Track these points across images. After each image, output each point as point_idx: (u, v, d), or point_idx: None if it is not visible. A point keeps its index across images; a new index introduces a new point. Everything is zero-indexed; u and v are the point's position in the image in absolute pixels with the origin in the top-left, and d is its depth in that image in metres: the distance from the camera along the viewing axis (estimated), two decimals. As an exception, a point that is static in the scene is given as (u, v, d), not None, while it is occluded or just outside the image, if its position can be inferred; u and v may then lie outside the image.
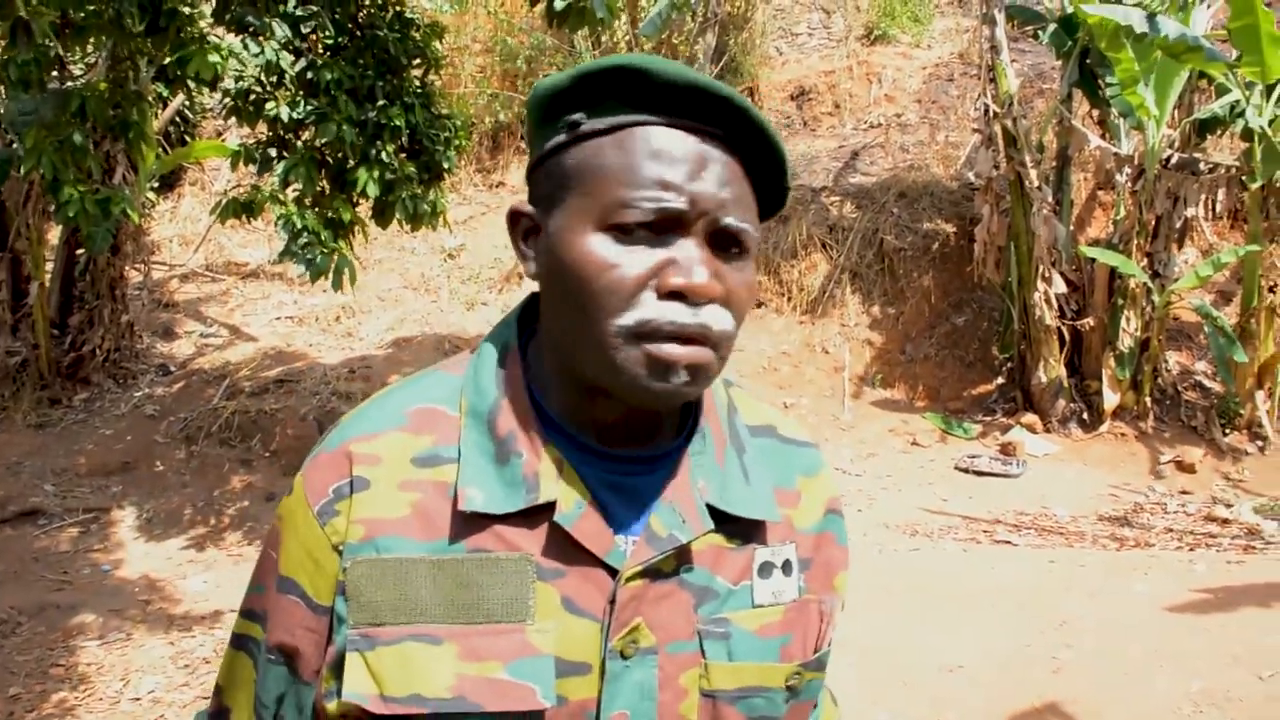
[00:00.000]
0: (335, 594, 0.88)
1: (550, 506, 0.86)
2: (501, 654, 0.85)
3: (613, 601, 0.86)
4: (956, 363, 8.53)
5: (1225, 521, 6.14)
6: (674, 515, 0.89)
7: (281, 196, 5.11)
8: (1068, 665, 4.05)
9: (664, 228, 0.84)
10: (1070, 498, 6.64)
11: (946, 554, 5.45)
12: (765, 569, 0.94)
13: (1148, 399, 7.69)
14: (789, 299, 9.05)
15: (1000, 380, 8.32)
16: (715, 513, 0.91)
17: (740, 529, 0.93)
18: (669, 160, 0.84)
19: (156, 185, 9.56)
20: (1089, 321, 7.83)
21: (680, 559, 0.89)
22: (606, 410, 0.90)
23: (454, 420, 0.91)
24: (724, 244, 0.87)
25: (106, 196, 4.54)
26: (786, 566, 0.96)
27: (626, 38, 10.58)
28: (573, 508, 0.87)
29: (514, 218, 0.92)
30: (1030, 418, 7.71)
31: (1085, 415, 7.78)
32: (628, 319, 0.83)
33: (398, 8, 5.51)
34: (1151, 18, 6.60)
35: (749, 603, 0.92)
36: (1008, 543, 5.76)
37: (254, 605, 0.96)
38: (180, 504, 6.39)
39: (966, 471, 7.15)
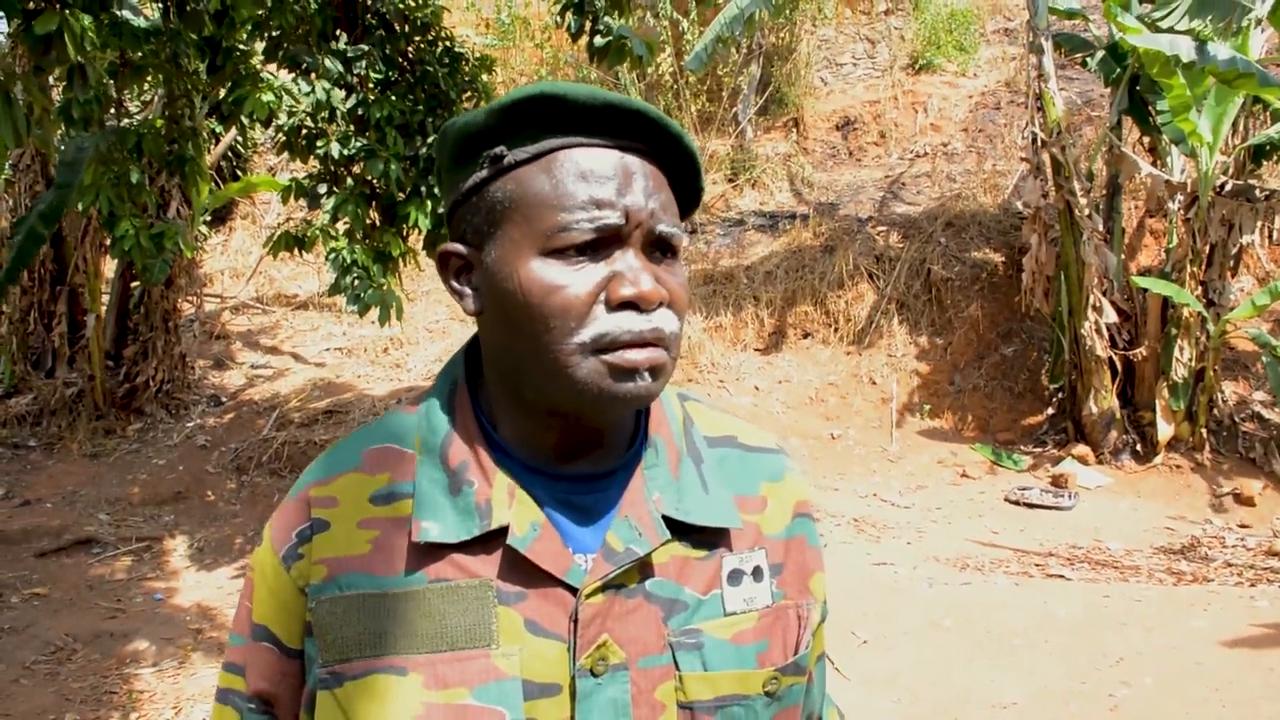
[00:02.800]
0: (304, 636, 0.91)
1: (504, 531, 0.87)
2: (467, 680, 0.85)
3: (576, 620, 0.86)
4: (1006, 393, 8.43)
5: (1286, 556, 5.99)
6: (630, 529, 0.89)
7: (332, 231, 5.18)
8: (1125, 704, 3.95)
9: (603, 244, 0.86)
10: (1124, 531, 6.51)
11: (997, 588, 5.36)
12: (734, 576, 0.94)
13: (1203, 430, 7.54)
14: (835, 329, 9.01)
15: (1050, 411, 8.21)
16: (675, 524, 0.92)
17: (705, 538, 0.93)
18: (598, 178, 0.86)
19: (209, 219, 9.75)
20: (1141, 351, 7.71)
21: (643, 572, 0.90)
22: (558, 432, 0.92)
23: (409, 456, 0.93)
24: (658, 250, 0.90)
25: (161, 231, 4.64)
26: (757, 573, 0.95)
27: (671, 69, 10.65)
28: (527, 530, 0.87)
29: (444, 258, 0.93)
30: (1082, 449, 7.59)
31: (1138, 447, 7.64)
32: (584, 335, 0.85)
33: (447, 43, 5.59)
34: (1201, 45, 6.52)
35: (720, 611, 0.92)
36: (1060, 577, 5.65)
37: (234, 658, 0.98)
38: (231, 533, 6.46)
39: (1017, 504, 7.04)
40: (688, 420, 1.01)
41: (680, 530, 0.92)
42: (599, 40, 4.45)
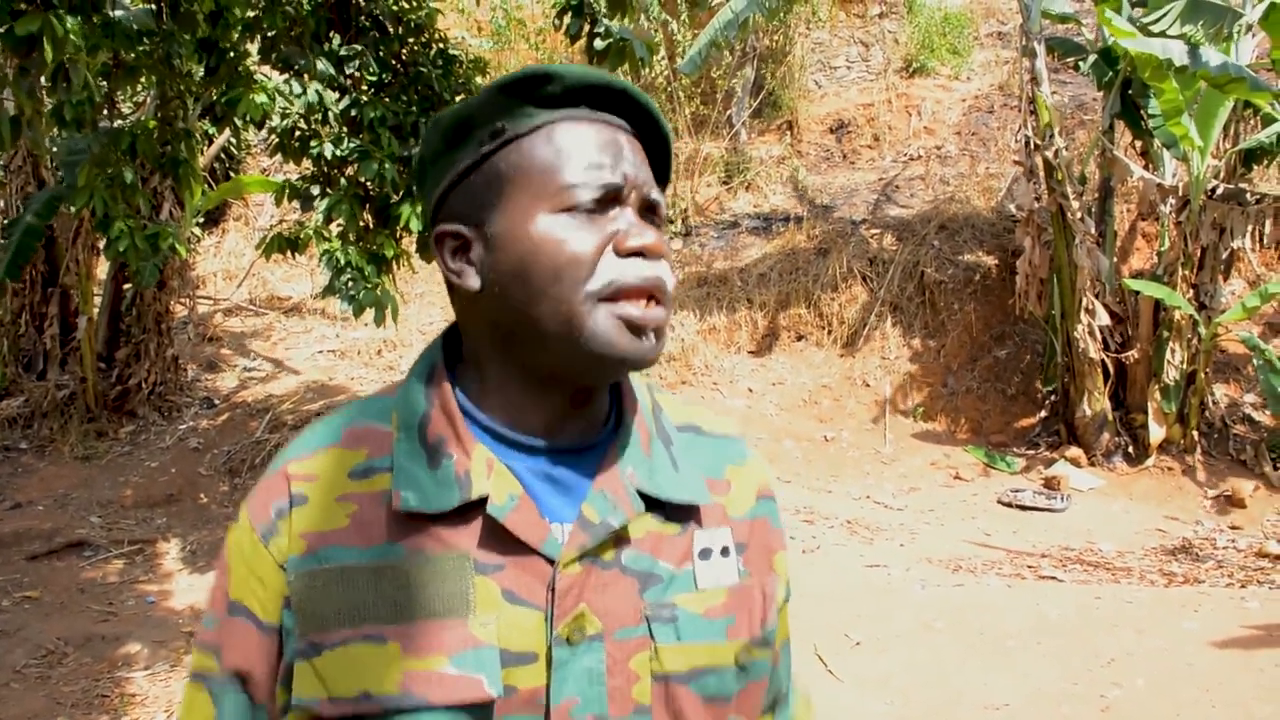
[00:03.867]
0: (282, 610, 0.92)
1: (482, 502, 0.90)
2: (445, 648, 0.87)
3: (553, 589, 0.89)
4: (999, 396, 8.44)
5: (1278, 558, 6.01)
6: (605, 501, 0.92)
7: (325, 233, 5.17)
8: (1116, 705, 3.96)
9: (606, 204, 0.92)
10: (1116, 533, 6.53)
11: (990, 589, 5.37)
12: (705, 553, 0.97)
13: (1195, 432, 7.56)
14: (829, 332, 9.02)
15: (1043, 413, 8.22)
16: (648, 500, 0.95)
17: (677, 515, 0.97)
18: (596, 146, 0.93)
19: (201, 221, 9.73)
20: (1133, 354, 7.74)
21: (618, 544, 0.92)
22: (548, 404, 0.95)
23: (387, 434, 0.95)
24: (649, 214, 0.95)
25: (155, 232, 4.62)
26: (725, 551, 0.99)
27: (665, 73, 10.66)
28: (505, 500, 0.90)
29: (440, 239, 0.96)
30: (1074, 451, 7.61)
31: (1130, 449, 7.66)
32: (595, 283, 0.90)
33: (440, 44, 5.58)
34: (1194, 49, 6.55)
35: (693, 585, 0.95)
36: (1053, 578, 5.66)
37: (207, 638, 0.98)
38: (224, 536, 6.40)
39: (1010, 506, 7.06)
40: (656, 406, 1.05)
41: (652, 506, 0.95)
42: (599, 43, 4.44)
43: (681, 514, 0.97)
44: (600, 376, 0.95)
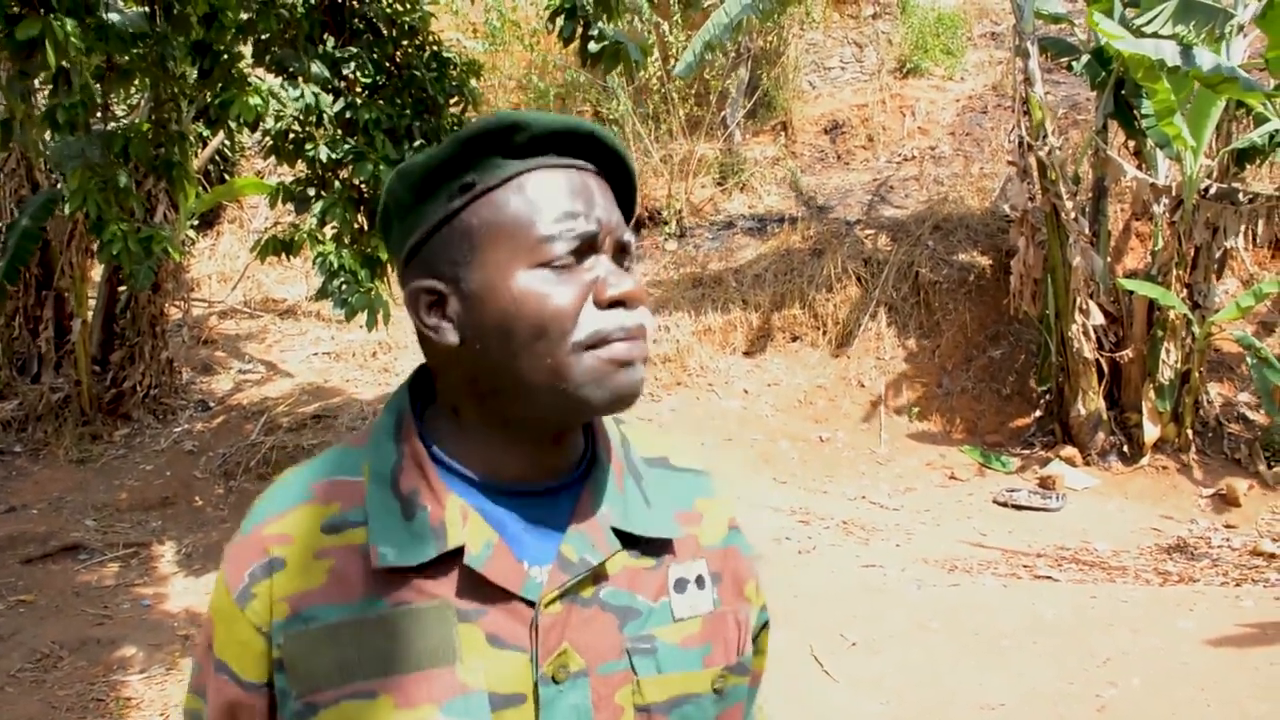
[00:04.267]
0: (269, 671, 0.93)
1: (459, 552, 0.90)
2: (435, 696, 0.88)
3: (536, 629, 0.90)
4: (994, 395, 8.46)
5: (1272, 556, 6.02)
6: (583, 540, 0.94)
7: (320, 235, 5.17)
8: (1112, 704, 3.97)
9: (582, 253, 0.91)
10: (1111, 532, 6.54)
11: (986, 589, 5.38)
12: (680, 584, 0.99)
13: (1189, 431, 7.58)
14: (824, 332, 9.03)
15: (1038, 413, 8.24)
16: (623, 537, 0.96)
17: (651, 549, 0.99)
18: (569, 194, 0.92)
19: (196, 223, 9.72)
20: (1128, 353, 7.75)
21: (597, 582, 0.94)
22: (526, 452, 0.96)
23: (358, 486, 0.95)
24: (621, 256, 0.95)
25: (149, 235, 4.62)
26: (700, 581, 1.01)
27: (659, 74, 10.66)
28: (481, 549, 0.91)
29: (414, 296, 0.95)
30: (1069, 451, 7.62)
31: (1125, 448, 7.68)
32: (579, 335, 0.90)
33: (435, 47, 5.58)
34: (1186, 50, 6.57)
35: (670, 617, 0.97)
36: (1048, 578, 5.67)
37: (196, 684, 1.02)
38: (219, 539, 6.43)
39: (1005, 505, 7.07)
40: (625, 441, 1.06)
41: (628, 542, 0.97)
42: (593, 46, 4.44)
43: (656, 548, 0.99)
44: (586, 417, 0.95)
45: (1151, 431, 7.51)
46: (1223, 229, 7.57)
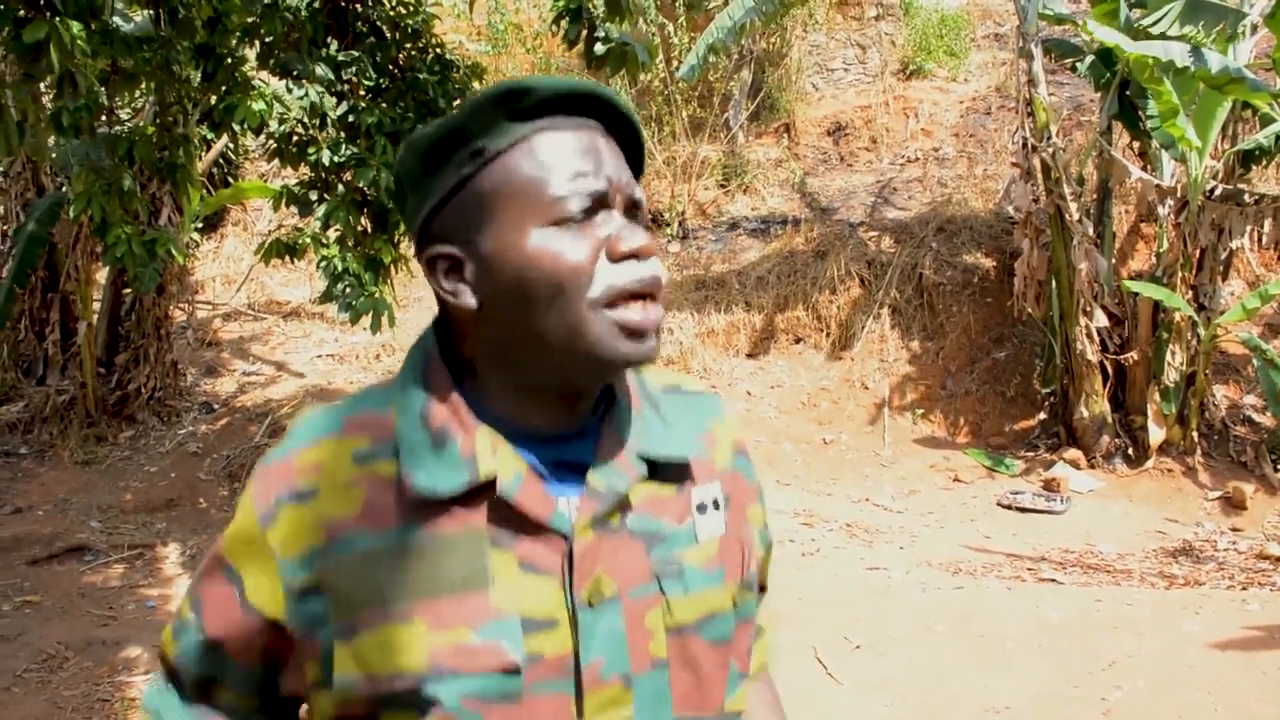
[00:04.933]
0: (275, 606, 0.96)
1: (491, 484, 0.93)
2: (469, 619, 0.90)
3: (571, 557, 0.93)
4: (998, 398, 8.44)
5: (1278, 559, 6.01)
6: (609, 470, 0.96)
7: (323, 238, 5.17)
8: (1117, 707, 3.96)
9: (593, 210, 0.94)
10: (1116, 535, 6.53)
11: (990, 592, 5.37)
12: (700, 507, 1.02)
13: (1195, 434, 7.56)
14: (827, 334, 9.02)
15: (1042, 415, 8.22)
16: (648, 464, 0.99)
17: (672, 474, 1.02)
18: (578, 153, 0.94)
19: (200, 226, 9.73)
20: (1132, 355, 7.74)
21: (623, 509, 0.97)
22: (546, 410, 0.98)
23: (387, 420, 0.97)
24: (632, 212, 0.97)
25: (153, 238, 4.63)
26: (715, 504, 1.04)
27: (662, 76, 10.66)
28: (512, 479, 0.93)
29: (432, 262, 0.97)
30: (1074, 453, 7.61)
31: (1130, 451, 7.66)
32: (595, 291, 0.92)
33: (438, 50, 5.59)
34: (1196, 50, 6.55)
35: (693, 539, 1.01)
36: (1053, 581, 5.66)
37: (192, 591, 1.05)
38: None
39: (1009, 508, 7.05)
40: (639, 373, 1.09)
41: (650, 469, 0.99)
42: (599, 48, 4.44)
43: (676, 473, 1.02)
44: (602, 379, 0.99)
45: (1156, 434, 7.50)
46: (1228, 230, 7.55)
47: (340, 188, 5.14)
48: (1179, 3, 6.89)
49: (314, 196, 5.20)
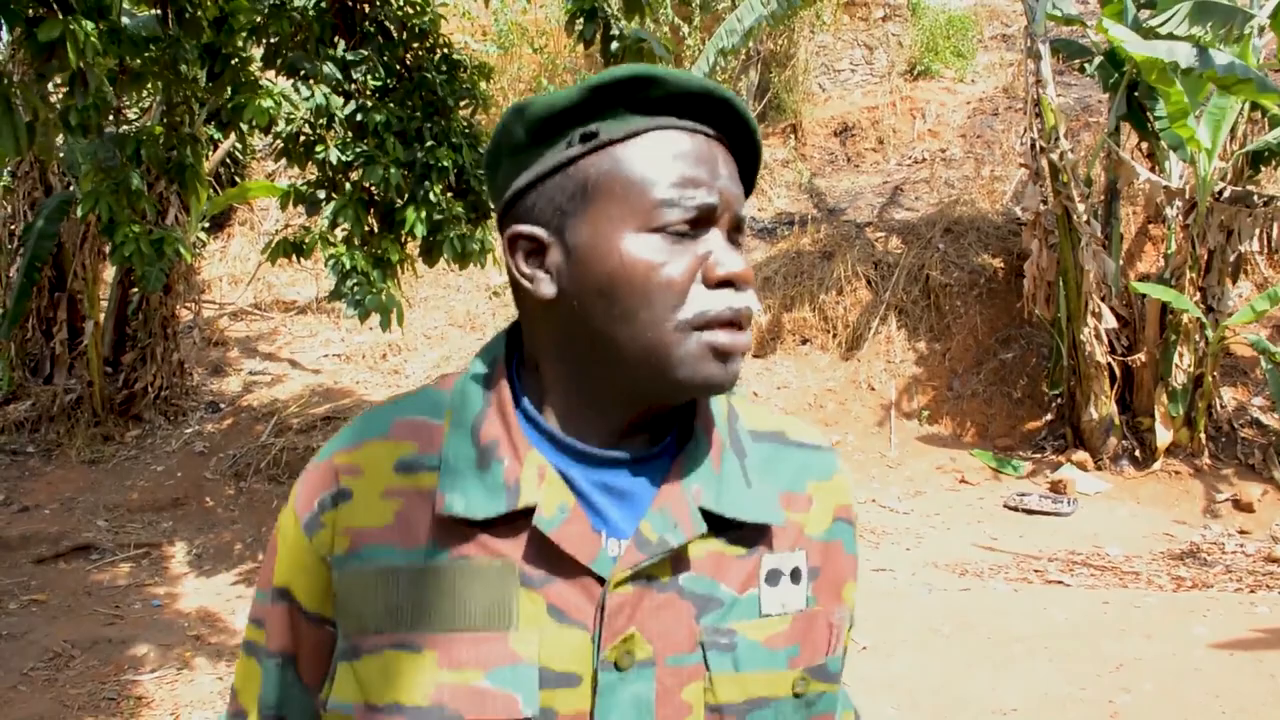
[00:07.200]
0: (331, 603, 0.90)
1: (531, 511, 0.85)
2: (482, 661, 0.83)
3: (602, 609, 0.84)
4: (1005, 399, 8.43)
5: (1286, 562, 5.99)
6: (665, 519, 0.87)
7: (331, 237, 5.18)
8: (1125, 710, 3.95)
9: (698, 224, 0.87)
10: (1124, 537, 6.51)
11: (997, 594, 5.36)
12: (773, 576, 0.91)
13: (1202, 436, 7.54)
14: (834, 335, 9.01)
15: (1049, 417, 8.21)
16: (714, 519, 0.89)
17: (745, 535, 0.91)
18: (694, 160, 0.87)
19: (207, 225, 9.75)
20: (1140, 357, 7.72)
21: (676, 565, 0.87)
22: (620, 418, 0.91)
23: (439, 429, 0.91)
24: (735, 233, 0.91)
25: (160, 237, 4.64)
26: (795, 574, 0.93)
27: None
28: (555, 512, 0.85)
29: (513, 241, 0.91)
30: (1081, 455, 7.59)
31: (1137, 453, 7.64)
32: (686, 313, 0.85)
33: (445, 50, 5.59)
34: (1203, 51, 6.53)
35: (756, 612, 0.90)
36: (1060, 583, 5.65)
37: (257, 613, 0.98)
38: (230, 540, 6.45)
39: (1016, 510, 7.04)
40: (732, 413, 0.99)
41: (719, 526, 0.89)
42: (615, 45, 4.44)
43: (751, 534, 0.92)
44: (678, 399, 0.91)
45: (1164, 436, 7.48)
46: (1237, 232, 7.53)
47: (348, 187, 5.14)
48: (1188, 3, 6.86)
49: (321, 195, 5.20)
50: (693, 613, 0.87)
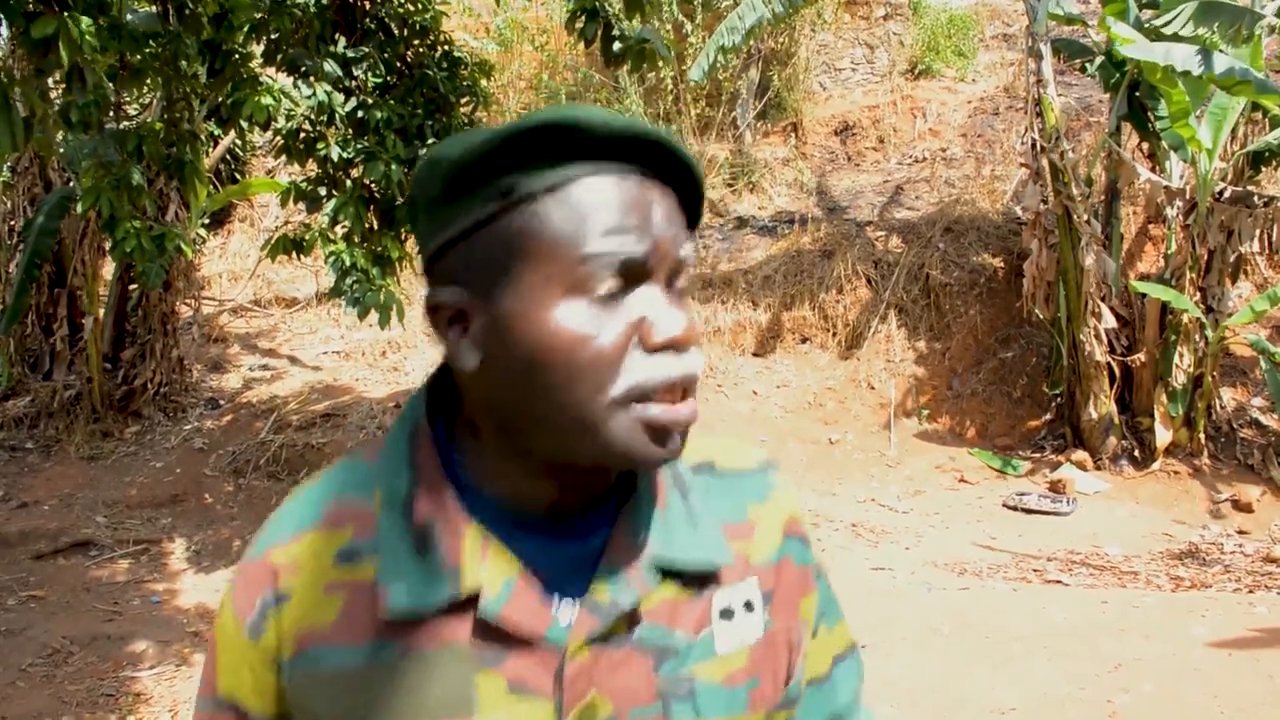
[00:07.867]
0: (283, 706, 0.87)
1: (477, 595, 0.82)
2: None
3: (561, 680, 0.82)
4: (1004, 399, 8.43)
5: (1285, 562, 5.99)
6: (616, 579, 0.84)
7: (331, 234, 5.18)
8: (1123, 710, 3.95)
9: (631, 278, 0.79)
10: (1123, 537, 6.51)
11: (996, 593, 5.36)
12: (726, 613, 0.89)
13: (1202, 436, 7.54)
14: (834, 334, 9.01)
15: (1049, 416, 8.21)
16: (664, 569, 0.87)
17: (694, 576, 0.88)
18: (622, 209, 0.79)
19: (207, 222, 9.75)
20: (1140, 357, 7.72)
21: (630, 620, 0.84)
22: (558, 486, 0.86)
23: (371, 510, 0.86)
24: (674, 278, 0.83)
25: (161, 233, 4.63)
26: (748, 606, 0.90)
27: (673, 74, 10.65)
28: (500, 590, 0.82)
29: (434, 310, 0.83)
30: (1080, 455, 7.59)
31: (1136, 452, 7.64)
32: (619, 388, 0.78)
33: (446, 47, 5.59)
34: (1205, 53, 6.52)
35: (711, 652, 0.87)
36: (1059, 582, 5.65)
37: (202, 712, 0.95)
38: (229, 536, 6.45)
39: (1015, 509, 7.04)
40: None
41: (669, 573, 0.87)
42: (617, 45, 4.43)
43: (701, 576, 0.89)
44: (612, 470, 0.87)
45: (1163, 436, 7.48)
46: (1237, 232, 7.53)
47: (348, 184, 5.14)
48: (1193, 3, 6.86)
49: (322, 192, 5.20)
50: (650, 665, 0.85)
